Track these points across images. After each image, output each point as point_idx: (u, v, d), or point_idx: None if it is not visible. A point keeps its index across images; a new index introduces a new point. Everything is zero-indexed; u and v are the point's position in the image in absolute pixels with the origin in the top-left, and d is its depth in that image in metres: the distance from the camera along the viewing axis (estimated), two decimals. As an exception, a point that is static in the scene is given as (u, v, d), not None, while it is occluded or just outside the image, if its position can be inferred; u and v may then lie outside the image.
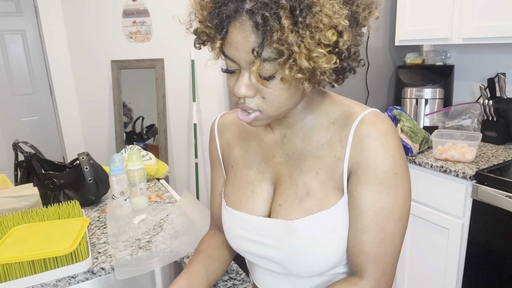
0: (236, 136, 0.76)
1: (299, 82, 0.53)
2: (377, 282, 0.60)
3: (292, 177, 0.65)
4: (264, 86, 0.54)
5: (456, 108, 1.96)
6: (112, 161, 1.16)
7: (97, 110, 2.90)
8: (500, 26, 1.60)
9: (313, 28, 0.47)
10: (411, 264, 1.79)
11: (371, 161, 0.58)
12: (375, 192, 0.58)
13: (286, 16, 0.47)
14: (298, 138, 0.66)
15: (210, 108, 2.82)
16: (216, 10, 0.51)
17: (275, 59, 0.50)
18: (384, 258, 0.60)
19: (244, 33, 0.50)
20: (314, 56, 0.48)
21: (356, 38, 0.54)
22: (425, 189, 1.65)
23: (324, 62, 0.49)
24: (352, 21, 0.52)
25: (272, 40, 0.48)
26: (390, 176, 0.58)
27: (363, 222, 0.59)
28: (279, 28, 0.47)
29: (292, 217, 0.63)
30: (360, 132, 0.59)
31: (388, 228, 0.59)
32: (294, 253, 0.63)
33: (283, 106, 0.57)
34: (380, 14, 2.08)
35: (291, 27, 0.47)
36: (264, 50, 0.49)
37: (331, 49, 0.50)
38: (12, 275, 0.83)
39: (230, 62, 0.55)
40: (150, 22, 2.70)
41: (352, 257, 0.62)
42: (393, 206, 0.59)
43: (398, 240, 0.60)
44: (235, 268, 0.89)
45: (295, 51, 0.48)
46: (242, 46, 0.51)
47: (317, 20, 0.47)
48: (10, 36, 3.17)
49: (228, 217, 0.72)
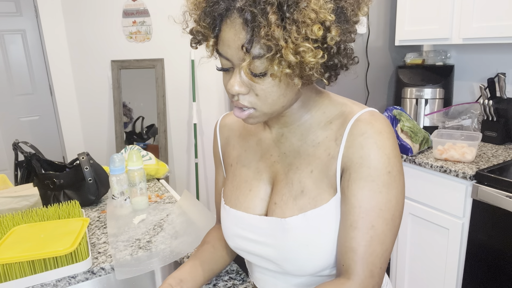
0: (236, 136, 0.77)
1: (289, 78, 0.54)
2: (364, 283, 0.58)
3: (288, 175, 0.65)
4: (255, 82, 0.55)
5: (456, 108, 1.96)
6: (112, 161, 1.16)
7: (97, 110, 2.90)
8: (500, 26, 1.60)
9: (300, 23, 0.48)
10: (411, 264, 1.79)
11: (364, 159, 0.58)
12: (366, 189, 0.57)
13: (273, 12, 0.48)
14: (295, 137, 0.66)
15: (210, 108, 2.82)
16: (208, 9, 0.53)
17: (264, 55, 0.51)
18: (372, 258, 0.57)
19: (235, 31, 0.51)
20: (301, 50, 0.49)
21: (346, 34, 0.53)
22: (425, 189, 1.65)
23: (311, 56, 0.50)
24: (340, 16, 0.52)
25: (260, 35, 0.49)
26: (383, 174, 0.57)
27: (352, 218, 0.58)
28: (267, 23, 0.48)
29: (286, 215, 0.63)
30: (355, 131, 0.59)
31: (378, 227, 0.57)
32: (288, 251, 0.63)
33: (277, 103, 0.58)
34: (380, 14, 2.10)
35: (278, 22, 0.48)
36: (253, 46, 0.50)
37: (320, 45, 0.51)
38: (12, 275, 0.84)
39: (224, 60, 0.56)
40: (150, 22, 2.70)
41: (340, 255, 0.60)
42: (385, 205, 0.58)
43: (388, 241, 0.58)
44: (235, 268, 0.89)
45: (281, 46, 0.49)
46: (233, 44, 0.52)
47: (304, 15, 0.48)
48: (10, 36, 3.17)
49: (226, 215, 0.72)
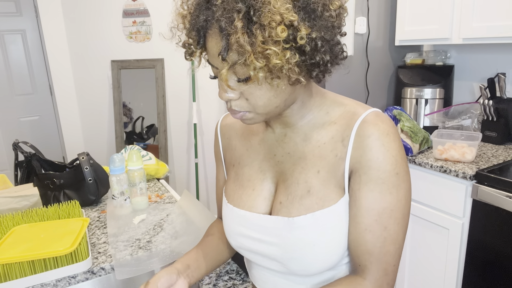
0: (238, 136, 0.77)
1: (269, 80, 0.54)
2: (379, 282, 0.61)
3: (293, 175, 0.66)
4: (240, 88, 0.57)
5: (456, 108, 1.96)
6: (112, 161, 1.16)
7: (97, 110, 2.90)
8: (500, 26, 1.60)
9: (266, 26, 0.49)
10: (411, 264, 1.79)
11: (373, 162, 0.59)
12: (377, 192, 0.59)
13: (239, 19, 0.49)
14: (299, 137, 0.66)
15: (210, 108, 2.82)
16: (192, 22, 0.55)
17: (239, 61, 0.52)
18: (386, 257, 0.60)
19: (215, 40, 0.53)
20: (267, 53, 0.50)
21: (323, 30, 0.53)
22: (425, 189, 1.65)
23: (277, 59, 0.50)
24: (310, 14, 0.52)
25: (231, 43, 0.50)
26: (392, 176, 0.59)
27: (367, 222, 0.60)
28: (235, 31, 0.50)
29: (292, 214, 0.63)
30: (362, 132, 0.60)
31: (390, 228, 0.60)
32: (293, 250, 0.63)
33: (270, 105, 0.58)
34: (380, 14, 2.10)
35: (244, 29, 0.50)
36: (229, 53, 0.52)
37: (293, 44, 0.51)
38: (12, 275, 0.84)
39: (214, 68, 0.58)
40: (150, 22, 2.70)
41: (355, 256, 0.62)
42: (395, 205, 0.60)
43: (400, 239, 0.61)
44: (235, 268, 0.89)
45: (247, 51, 0.50)
46: (215, 53, 0.54)
47: (269, 18, 0.49)
48: (10, 36, 3.17)
49: (229, 214, 0.72)
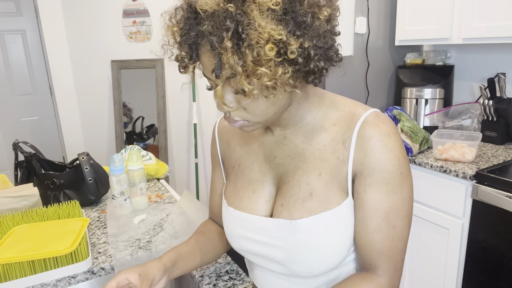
0: (237, 138, 0.76)
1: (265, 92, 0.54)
2: (392, 278, 0.63)
3: (294, 177, 0.65)
4: (237, 100, 0.56)
5: (456, 108, 1.96)
6: (112, 161, 1.16)
7: (97, 110, 2.90)
8: (500, 26, 1.60)
9: (255, 45, 0.48)
10: (411, 264, 1.79)
11: (376, 163, 0.60)
12: (383, 192, 0.60)
13: (228, 38, 0.49)
14: (299, 139, 0.66)
15: (210, 108, 2.82)
16: (183, 38, 0.54)
17: (233, 77, 0.52)
18: (395, 255, 0.63)
19: (208, 56, 0.53)
20: (258, 73, 0.50)
21: (315, 39, 0.52)
22: (425, 189, 1.65)
23: (267, 80, 0.50)
24: (300, 25, 0.51)
25: (223, 62, 0.50)
26: (396, 176, 0.60)
27: (375, 223, 0.61)
28: (225, 50, 0.49)
29: (294, 217, 0.63)
30: (363, 134, 0.60)
31: (397, 226, 0.62)
32: (296, 252, 0.63)
33: (267, 112, 0.58)
34: (380, 14, 2.10)
35: (234, 48, 0.49)
36: (222, 70, 0.52)
37: (285, 57, 0.50)
38: (12, 275, 0.84)
39: (209, 80, 0.58)
40: (150, 22, 2.70)
41: (365, 256, 0.64)
42: (400, 204, 0.61)
43: (406, 235, 0.63)
44: (235, 268, 0.89)
45: (239, 72, 0.50)
46: (209, 69, 0.54)
47: (254, 37, 0.48)
48: (10, 36, 3.16)
49: (230, 217, 0.72)
